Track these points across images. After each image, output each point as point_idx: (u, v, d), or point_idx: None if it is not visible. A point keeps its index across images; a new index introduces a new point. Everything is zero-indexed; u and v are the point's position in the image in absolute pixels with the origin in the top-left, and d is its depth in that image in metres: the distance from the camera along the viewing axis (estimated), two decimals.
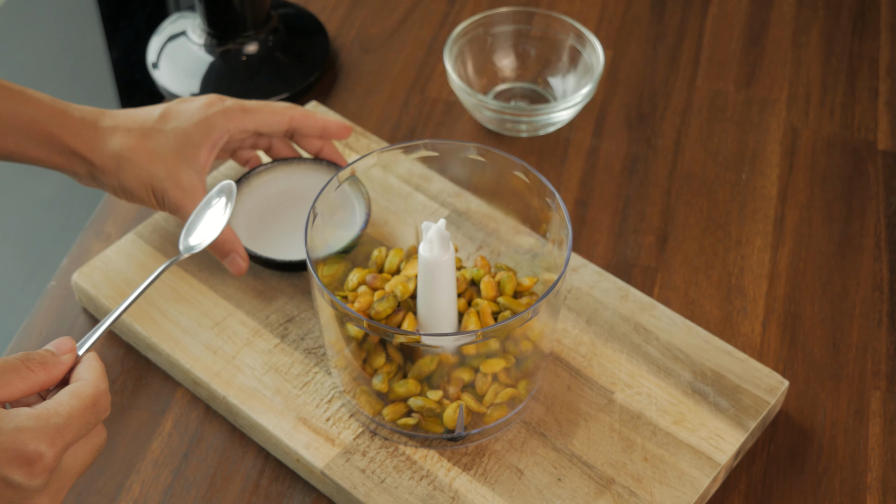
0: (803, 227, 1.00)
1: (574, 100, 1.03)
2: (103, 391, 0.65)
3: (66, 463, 0.64)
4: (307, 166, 0.94)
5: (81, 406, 0.64)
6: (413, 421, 0.79)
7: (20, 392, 0.64)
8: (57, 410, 0.63)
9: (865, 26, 1.18)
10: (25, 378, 0.65)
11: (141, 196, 0.86)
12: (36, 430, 0.61)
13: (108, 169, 0.86)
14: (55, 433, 0.62)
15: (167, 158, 0.86)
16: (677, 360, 0.86)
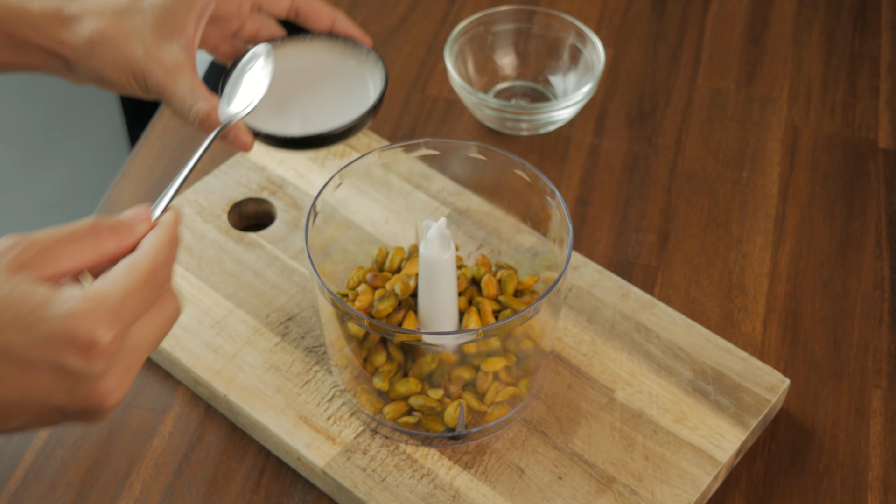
0: (804, 225, 0.99)
1: (575, 98, 1.03)
2: (163, 261, 0.60)
3: (133, 340, 0.59)
4: (321, 42, 0.85)
5: (138, 281, 0.58)
6: (414, 419, 0.79)
7: (88, 262, 0.59)
8: (111, 290, 0.57)
9: (866, 24, 1.18)
10: (93, 248, 0.59)
11: (121, 83, 0.77)
12: (89, 314, 0.56)
13: (81, 59, 0.77)
14: (111, 315, 0.57)
15: (145, 37, 0.76)
16: (678, 358, 0.86)
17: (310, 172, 0.99)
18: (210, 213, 0.96)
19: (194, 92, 0.75)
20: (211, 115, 0.75)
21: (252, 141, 0.77)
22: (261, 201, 0.97)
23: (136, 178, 1.03)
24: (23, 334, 0.56)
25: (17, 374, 0.57)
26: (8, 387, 0.57)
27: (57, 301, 0.57)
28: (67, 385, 0.57)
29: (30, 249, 0.58)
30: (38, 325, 0.56)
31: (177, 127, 1.07)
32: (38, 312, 0.56)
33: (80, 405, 0.58)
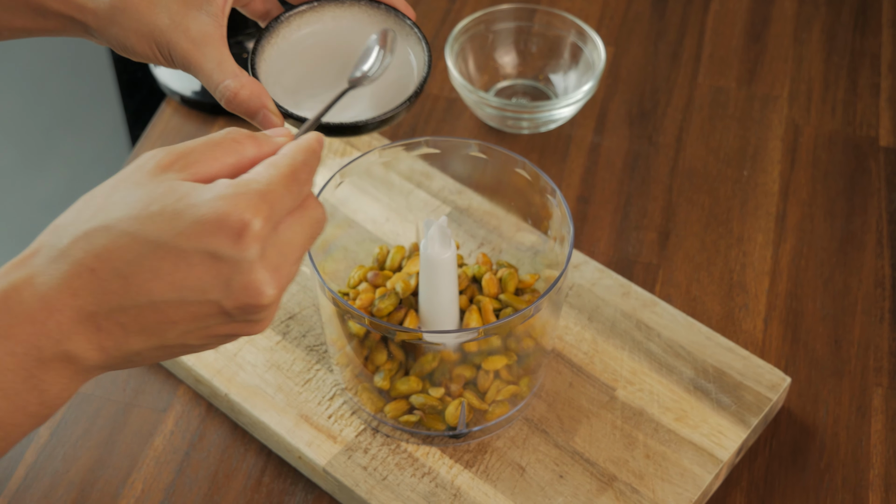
0: (805, 223, 0.99)
1: (575, 97, 1.03)
2: (302, 162, 0.59)
3: (284, 236, 0.58)
4: (361, 8, 0.77)
5: (279, 175, 0.57)
6: (415, 418, 0.80)
7: (228, 167, 0.58)
8: (255, 179, 0.57)
9: (867, 22, 1.18)
10: (232, 151, 0.59)
11: (144, 52, 0.72)
12: (237, 197, 0.55)
13: (103, 25, 0.72)
14: (258, 199, 0.56)
15: (171, 4, 0.71)
16: (679, 356, 0.86)
17: None
18: None
19: (222, 67, 0.70)
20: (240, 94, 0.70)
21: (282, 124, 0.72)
22: None
23: None
24: (171, 224, 0.55)
25: (170, 268, 0.55)
26: (162, 284, 0.55)
27: (203, 189, 0.56)
28: (223, 275, 0.55)
29: (170, 154, 0.58)
30: (186, 211, 0.55)
31: (178, 125, 1.07)
32: (186, 200, 0.56)
33: (238, 300, 0.56)
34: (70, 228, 0.57)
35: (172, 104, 1.09)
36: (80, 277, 0.55)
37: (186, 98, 1.08)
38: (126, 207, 0.56)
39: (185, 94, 1.08)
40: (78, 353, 0.56)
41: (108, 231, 0.56)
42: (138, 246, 0.55)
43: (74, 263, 0.55)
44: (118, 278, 0.55)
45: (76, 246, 0.56)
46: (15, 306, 0.55)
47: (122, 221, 0.56)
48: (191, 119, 1.08)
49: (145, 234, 0.55)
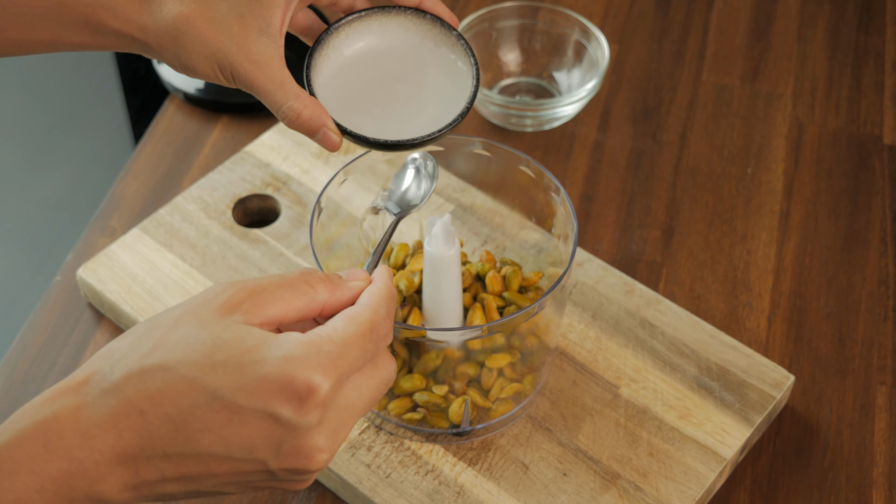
0: (809, 221, 0.99)
1: (579, 94, 1.02)
2: (382, 317, 0.57)
3: (348, 398, 0.56)
4: (407, 18, 0.77)
5: (358, 332, 0.55)
6: (418, 416, 0.79)
7: (297, 311, 0.56)
8: (330, 337, 0.54)
9: (871, 20, 1.17)
10: (304, 294, 0.57)
11: (206, 73, 0.71)
12: (307, 359, 0.53)
13: (164, 45, 0.71)
14: (329, 362, 0.54)
15: (232, 26, 0.70)
16: (683, 354, 0.86)
17: (314, 169, 0.99)
18: (214, 209, 0.96)
19: (284, 88, 0.70)
20: (302, 114, 0.70)
21: (340, 141, 0.73)
22: (265, 197, 0.97)
23: (141, 175, 1.03)
24: (233, 377, 0.53)
25: (223, 422, 0.53)
26: (211, 437, 0.53)
27: (273, 343, 0.54)
28: (275, 437, 0.53)
29: (241, 293, 0.56)
30: (250, 367, 0.53)
31: (181, 123, 1.07)
32: (252, 354, 0.53)
33: (286, 463, 0.54)
34: (126, 359, 0.55)
35: (176, 102, 1.09)
36: (127, 418, 0.53)
37: (190, 95, 1.08)
38: (188, 349, 0.54)
39: (188, 92, 1.08)
40: (110, 495, 0.54)
41: (166, 372, 0.54)
42: (194, 394, 0.53)
43: (125, 401, 0.53)
44: (167, 424, 0.53)
45: (129, 382, 0.54)
46: (54, 439, 0.53)
47: (182, 365, 0.54)
48: (194, 116, 1.08)
49: (204, 382, 0.53)
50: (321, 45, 0.76)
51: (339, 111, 0.74)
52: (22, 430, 0.53)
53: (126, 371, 0.54)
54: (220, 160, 1.02)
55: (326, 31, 0.76)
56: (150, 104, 1.74)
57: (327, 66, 0.76)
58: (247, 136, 1.05)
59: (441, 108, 0.76)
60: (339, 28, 0.76)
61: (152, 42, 0.71)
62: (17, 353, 0.90)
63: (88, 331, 0.91)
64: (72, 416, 0.53)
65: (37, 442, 0.53)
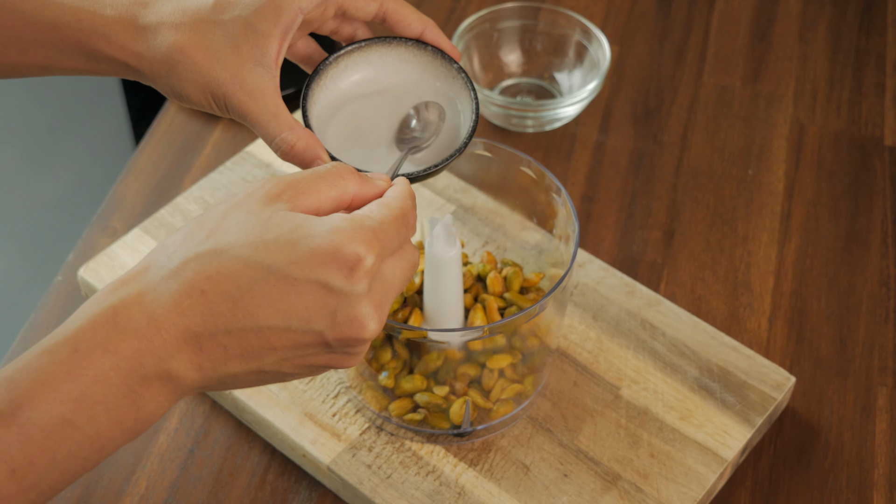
0: (810, 222, 0.99)
1: (580, 95, 1.02)
2: (410, 207, 0.62)
3: (387, 275, 0.60)
4: (408, 50, 0.76)
5: (392, 216, 0.60)
6: (419, 416, 0.80)
7: (330, 201, 0.61)
8: (370, 216, 0.59)
9: (872, 21, 1.17)
10: (336, 185, 0.61)
11: (199, 102, 0.72)
12: (352, 231, 0.57)
13: (158, 73, 0.71)
14: (371, 235, 0.58)
15: (227, 56, 0.70)
16: (684, 355, 0.86)
17: None
18: None
19: (278, 119, 0.70)
20: (296, 146, 0.70)
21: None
22: None
23: (142, 175, 1.03)
24: (285, 252, 0.57)
25: (280, 294, 0.57)
26: (270, 309, 0.57)
27: (319, 221, 0.58)
28: (330, 306, 0.57)
29: (279, 185, 0.60)
30: (301, 241, 0.57)
31: (182, 123, 1.07)
32: (301, 230, 0.57)
33: (341, 332, 0.57)
34: (181, 249, 0.58)
35: (176, 103, 1.09)
36: (189, 298, 0.57)
37: None
38: (240, 233, 0.58)
39: None
40: (178, 371, 0.57)
41: (221, 255, 0.57)
42: (251, 271, 0.57)
43: (185, 284, 0.57)
44: (227, 301, 0.57)
45: (188, 267, 0.57)
46: (123, 322, 0.56)
47: (236, 247, 0.57)
48: (194, 117, 1.08)
49: (258, 260, 0.57)
50: (319, 76, 0.75)
51: (333, 143, 0.74)
52: (93, 316, 0.57)
53: (183, 258, 0.57)
54: (221, 160, 1.02)
55: (325, 62, 0.75)
56: (151, 104, 1.74)
57: (324, 97, 0.75)
58: (248, 136, 1.05)
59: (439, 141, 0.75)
60: (339, 58, 0.75)
61: (146, 70, 0.71)
62: (19, 352, 0.90)
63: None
64: (137, 300, 0.57)
65: (108, 324, 0.56)
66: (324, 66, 0.75)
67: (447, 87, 0.76)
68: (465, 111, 0.76)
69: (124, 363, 0.56)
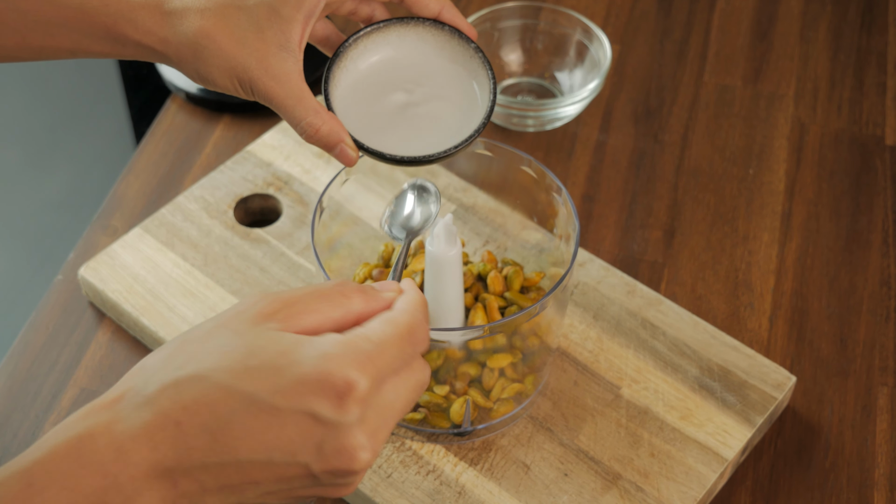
0: (811, 222, 0.99)
1: (581, 95, 1.02)
2: (420, 321, 0.57)
3: (384, 399, 0.54)
4: (426, 29, 0.77)
5: (395, 333, 0.55)
6: (419, 416, 0.79)
7: (331, 322, 0.56)
8: (368, 336, 0.54)
9: (873, 21, 1.17)
10: (339, 305, 0.56)
11: (225, 86, 0.72)
12: (344, 357, 0.53)
13: (185, 58, 0.72)
14: (366, 360, 0.53)
15: (252, 41, 0.71)
16: (684, 355, 0.86)
17: (316, 168, 0.99)
18: (216, 208, 0.96)
19: (303, 103, 0.71)
20: (321, 130, 0.71)
21: (357, 157, 0.73)
22: (267, 197, 0.97)
23: (143, 174, 1.03)
24: (270, 380, 0.52)
25: (262, 427, 0.52)
26: (251, 442, 0.52)
27: (309, 344, 0.53)
28: (316, 437, 0.53)
29: (275, 303, 0.56)
30: (287, 368, 0.53)
31: (183, 123, 1.07)
32: (289, 356, 0.53)
33: (328, 464, 0.53)
34: (160, 373, 0.54)
35: (177, 101, 1.09)
36: (163, 430, 0.52)
37: (191, 95, 1.08)
38: (222, 358, 0.53)
39: (190, 91, 1.08)
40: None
41: (201, 382, 0.53)
42: (231, 401, 0.52)
43: (159, 414, 0.52)
44: (205, 434, 0.52)
45: (164, 395, 0.53)
46: (87, 454, 0.52)
47: (217, 372, 0.53)
48: (196, 116, 1.08)
49: (240, 388, 0.52)
50: (340, 58, 0.76)
51: (356, 126, 0.75)
52: (55, 447, 0.52)
53: (160, 384, 0.53)
54: (221, 159, 1.02)
55: (345, 43, 0.76)
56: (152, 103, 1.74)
57: (345, 79, 0.76)
58: (248, 135, 1.05)
59: (458, 122, 0.76)
60: (359, 39, 0.76)
61: (172, 54, 0.72)
62: (19, 351, 0.90)
63: (90, 330, 0.91)
64: (105, 430, 0.52)
65: (70, 457, 0.52)
66: (344, 47, 0.76)
67: (464, 66, 0.77)
68: (482, 91, 0.77)
69: (85, 502, 0.51)
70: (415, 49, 0.78)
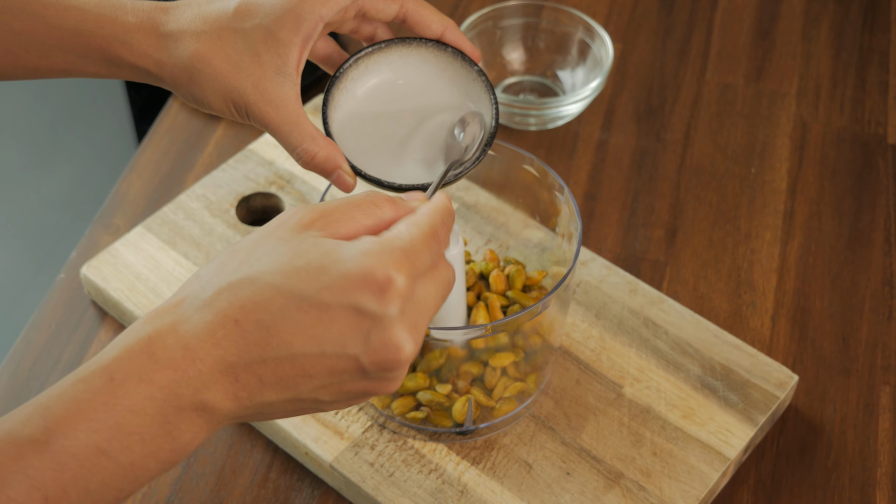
0: (813, 221, 0.99)
1: (583, 93, 1.02)
2: (441, 223, 0.61)
3: (419, 295, 0.58)
4: (428, 50, 0.76)
5: (421, 234, 0.59)
6: (422, 415, 0.79)
7: (365, 229, 0.60)
8: (399, 237, 0.58)
9: (875, 20, 1.17)
10: (371, 213, 0.60)
11: (220, 109, 0.72)
12: (382, 254, 0.57)
13: (180, 81, 0.72)
14: (402, 256, 0.57)
15: (248, 65, 0.70)
16: (686, 354, 0.86)
17: None
18: (218, 207, 0.96)
19: (299, 129, 0.71)
20: (317, 157, 0.71)
21: (355, 183, 0.73)
22: (269, 196, 0.97)
23: (145, 173, 1.03)
24: (316, 278, 0.56)
25: (312, 321, 0.56)
26: (303, 336, 0.56)
27: (349, 245, 0.57)
28: (363, 329, 0.56)
29: (312, 213, 0.60)
30: (331, 266, 0.56)
31: (184, 121, 1.07)
32: (331, 255, 0.57)
33: (376, 356, 0.57)
34: (214, 279, 0.58)
35: (179, 99, 1.09)
36: (223, 328, 0.56)
37: None
38: (271, 261, 0.57)
39: None
40: (214, 402, 0.57)
41: (253, 283, 0.57)
42: (283, 298, 0.56)
43: (219, 313, 0.57)
44: (261, 330, 0.56)
45: (221, 296, 0.57)
46: (158, 352, 0.56)
47: (267, 274, 0.57)
48: (198, 114, 1.08)
49: (290, 287, 0.56)
50: (340, 79, 0.75)
51: (354, 150, 0.74)
52: (128, 346, 0.56)
53: (217, 288, 0.57)
54: (223, 158, 1.02)
55: (345, 64, 0.75)
56: (154, 102, 1.74)
57: (345, 102, 0.75)
58: (250, 134, 1.05)
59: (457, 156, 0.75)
60: (359, 60, 0.75)
61: (167, 77, 0.72)
62: (21, 349, 0.90)
63: (92, 328, 0.91)
64: (171, 330, 0.57)
65: (143, 354, 0.56)
66: (344, 69, 0.75)
67: (466, 88, 0.76)
68: (484, 115, 0.75)
69: (160, 393, 0.56)
70: (416, 70, 0.76)
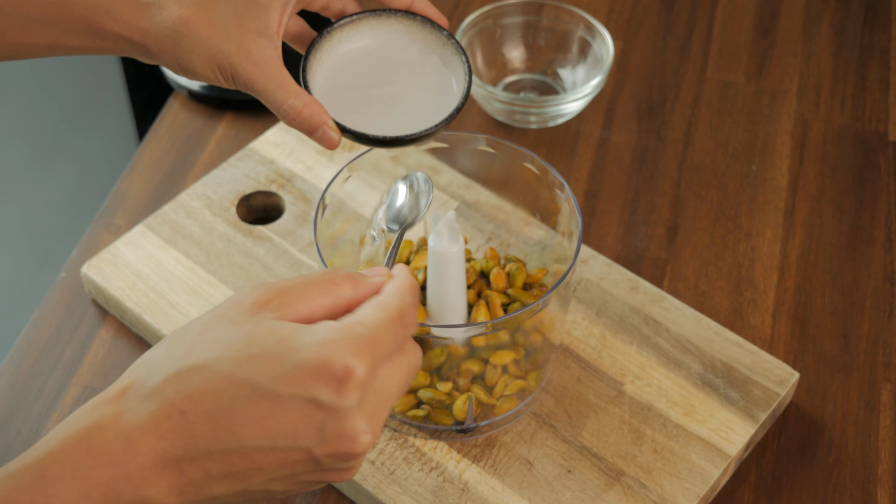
0: (814, 218, 0.99)
1: (584, 91, 1.02)
2: (410, 304, 0.58)
3: (380, 382, 0.56)
4: (398, 21, 0.79)
5: (387, 318, 0.56)
6: (422, 413, 0.79)
7: (323, 308, 0.57)
8: (362, 322, 0.56)
9: (876, 17, 1.17)
10: (329, 292, 0.58)
11: (206, 75, 0.73)
12: (341, 342, 0.54)
13: (164, 48, 0.72)
14: (363, 344, 0.54)
15: (231, 28, 0.72)
16: (687, 351, 0.86)
17: (318, 165, 0.99)
18: (219, 206, 0.96)
19: (284, 87, 0.72)
20: (302, 112, 0.72)
21: (339, 140, 0.74)
22: (269, 194, 0.97)
23: (145, 172, 1.03)
24: (270, 367, 0.54)
25: (264, 413, 0.53)
26: (254, 428, 0.53)
27: (306, 331, 0.55)
28: (318, 422, 0.54)
29: (268, 293, 0.57)
30: (286, 355, 0.54)
31: (185, 120, 1.07)
32: (287, 343, 0.54)
33: (331, 448, 0.54)
34: (162, 365, 0.55)
35: (180, 98, 1.09)
36: (168, 419, 0.53)
37: (194, 92, 1.08)
38: (222, 347, 0.55)
39: (192, 89, 1.08)
40: (157, 498, 0.54)
41: (203, 371, 0.54)
42: (233, 389, 0.54)
43: (164, 404, 0.54)
44: (209, 421, 0.53)
45: (168, 385, 0.54)
46: (97, 446, 0.53)
47: (218, 362, 0.54)
48: (198, 113, 1.08)
49: (241, 376, 0.54)
50: (315, 49, 0.77)
51: (336, 110, 0.76)
52: (65, 439, 0.53)
53: (164, 375, 0.54)
54: (224, 157, 1.02)
55: (319, 36, 0.77)
56: (154, 101, 1.74)
57: (322, 69, 0.77)
58: (251, 132, 1.05)
59: (437, 104, 0.77)
60: (332, 32, 0.78)
61: (152, 45, 0.72)
62: (22, 348, 0.90)
63: (93, 327, 0.91)
64: (113, 422, 0.54)
65: (80, 449, 0.53)
66: (318, 39, 0.77)
67: (438, 54, 0.78)
68: (457, 75, 0.78)
69: (96, 492, 0.52)
70: (388, 39, 0.79)
